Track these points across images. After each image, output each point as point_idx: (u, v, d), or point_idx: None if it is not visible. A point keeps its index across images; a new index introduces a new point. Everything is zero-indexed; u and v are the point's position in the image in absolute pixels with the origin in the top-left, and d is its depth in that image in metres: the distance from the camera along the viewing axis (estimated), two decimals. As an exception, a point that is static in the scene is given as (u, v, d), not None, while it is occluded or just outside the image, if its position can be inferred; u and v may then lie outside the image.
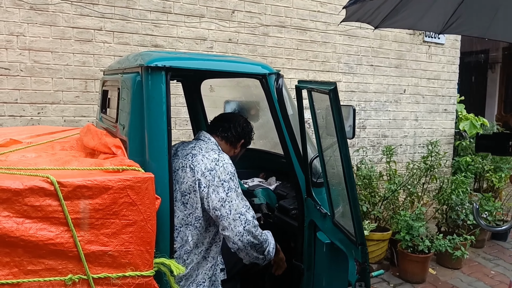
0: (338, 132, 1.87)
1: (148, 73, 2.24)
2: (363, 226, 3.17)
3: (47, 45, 4.17)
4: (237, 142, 2.78)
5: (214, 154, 2.48)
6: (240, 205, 2.37)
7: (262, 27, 5.28)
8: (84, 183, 1.80)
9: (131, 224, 1.89)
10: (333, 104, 1.85)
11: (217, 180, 2.37)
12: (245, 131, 2.82)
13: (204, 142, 2.62)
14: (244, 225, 2.35)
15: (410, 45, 6.53)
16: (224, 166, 2.41)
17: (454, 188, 5.24)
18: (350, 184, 1.89)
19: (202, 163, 2.43)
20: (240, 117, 2.90)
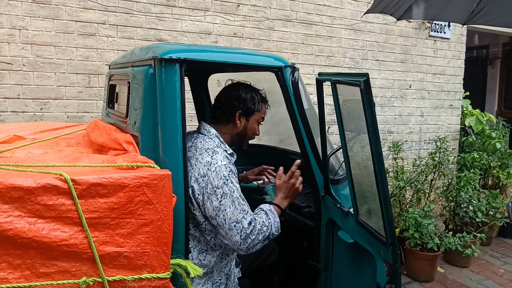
0: (370, 128, 1.77)
1: (162, 65, 2.14)
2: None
3: (50, 39, 4.06)
4: (232, 117, 2.49)
5: (207, 156, 2.29)
6: (235, 212, 2.21)
7: (267, 21, 5.18)
8: (100, 180, 1.70)
9: (148, 223, 1.80)
10: (365, 97, 1.75)
11: (210, 187, 2.22)
12: (235, 100, 2.48)
13: (202, 138, 2.44)
14: (241, 234, 2.21)
15: (415, 40, 6.44)
16: (217, 171, 2.23)
17: (463, 185, 5.16)
18: (382, 182, 1.79)
19: (195, 168, 2.29)
20: (229, 86, 2.59)
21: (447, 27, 6.67)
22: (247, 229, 2.22)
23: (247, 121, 2.53)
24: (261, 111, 2.58)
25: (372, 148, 1.79)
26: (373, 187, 1.89)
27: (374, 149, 1.79)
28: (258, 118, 2.57)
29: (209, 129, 2.49)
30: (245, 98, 2.49)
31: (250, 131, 2.58)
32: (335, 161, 2.83)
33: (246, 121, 2.53)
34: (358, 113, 1.89)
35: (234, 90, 2.52)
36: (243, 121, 2.51)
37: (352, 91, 1.90)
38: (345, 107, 2.16)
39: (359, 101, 1.87)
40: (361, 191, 2.19)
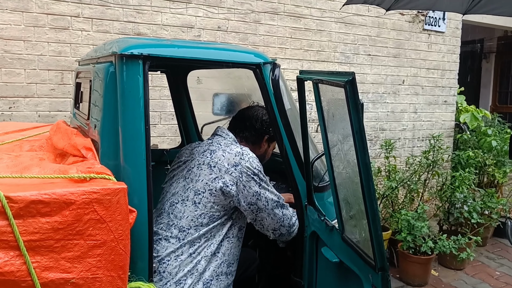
0: (356, 136, 1.52)
1: (123, 62, 1.91)
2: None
3: (19, 33, 3.80)
4: (259, 140, 2.55)
5: (236, 148, 2.28)
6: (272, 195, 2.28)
7: (254, 14, 4.94)
8: (40, 197, 1.46)
9: (99, 245, 1.56)
10: (350, 99, 1.51)
11: (246, 175, 2.19)
12: (267, 125, 2.52)
13: (222, 138, 2.42)
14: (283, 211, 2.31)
15: (409, 34, 6.22)
16: (250, 160, 2.22)
17: (458, 184, 4.96)
18: (369, 196, 1.55)
19: (224, 159, 2.22)
20: (258, 109, 2.60)
21: (441, 20, 6.46)
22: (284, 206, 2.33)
23: (268, 146, 2.62)
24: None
25: (359, 159, 1.55)
26: (360, 203, 1.65)
27: (361, 160, 1.55)
28: (274, 145, 2.65)
29: (228, 133, 2.48)
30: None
31: (267, 155, 2.67)
32: (321, 166, 2.61)
33: (268, 146, 2.61)
34: (343, 116, 1.66)
35: (264, 115, 2.53)
36: (266, 145, 2.58)
37: (336, 91, 1.67)
38: (328, 109, 1.92)
39: (341, 100, 1.65)
40: (347, 204, 1.96)
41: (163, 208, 2.30)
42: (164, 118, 4.49)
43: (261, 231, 2.38)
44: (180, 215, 2.20)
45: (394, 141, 5.58)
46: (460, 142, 6.76)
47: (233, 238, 2.31)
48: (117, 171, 1.90)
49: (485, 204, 5.15)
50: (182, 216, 2.20)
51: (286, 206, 2.34)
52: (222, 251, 2.25)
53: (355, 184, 1.70)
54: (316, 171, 2.47)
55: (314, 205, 2.28)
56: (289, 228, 2.35)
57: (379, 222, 1.57)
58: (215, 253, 2.23)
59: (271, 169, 3.37)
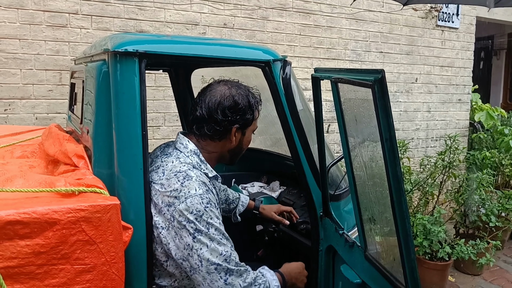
0: (386, 142, 1.29)
1: (117, 60, 1.71)
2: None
3: (14, 31, 3.61)
4: (226, 133, 1.92)
5: (175, 183, 1.74)
6: (214, 253, 1.68)
7: (261, 10, 4.73)
8: (18, 217, 1.27)
9: (89, 270, 1.37)
10: (379, 101, 1.29)
11: (177, 221, 1.69)
12: (232, 111, 1.89)
13: (175, 155, 1.89)
14: (225, 279, 1.69)
15: (422, 30, 6.00)
16: (187, 202, 1.68)
17: (476, 187, 4.75)
18: (401, 214, 1.32)
19: (159, 194, 1.76)
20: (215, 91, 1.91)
21: (455, 16, 6.24)
22: (233, 272, 1.71)
23: (243, 135, 1.99)
24: (257, 117, 2.03)
25: (389, 172, 1.32)
26: (389, 220, 1.44)
27: (392, 172, 1.31)
28: (254, 127, 2.05)
29: (187, 143, 1.91)
30: (243, 107, 1.91)
31: (245, 144, 2.05)
32: (336, 172, 2.40)
33: (242, 135, 1.99)
34: (368, 120, 1.44)
35: (227, 99, 1.88)
36: (238, 135, 1.96)
37: (358, 89, 1.45)
38: (349, 111, 1.71)
39: (366, 100, 1.44)
40: (371, 219, 1.74)
41: None
42: (168, 119, 4.30)
43: None
44: None
45: (407, 142, 5.37)
46: (474, 141, 6.55)
47: None
48: (111, 181, 1.71)
49: (503, 206, 4.95)
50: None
51: (236, 272, 1.72)
52: None
53: (382, 198, 1.49)
54: (332, 178, 2.26)
55: (331, 217, 2.07)
56: None
57: (413, 244, 1.35)
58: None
59: (282, 173, 3.20)
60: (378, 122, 1.31)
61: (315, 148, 2.14)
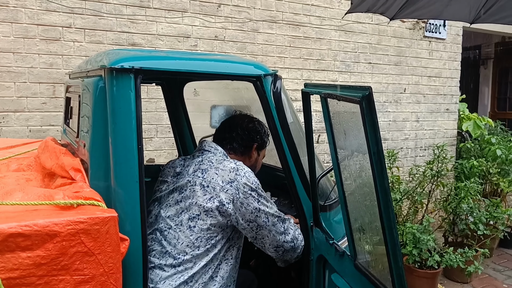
0: (374, 155, 1.36)
1: (113, 76, 1.76)
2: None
3: (8, 45, 3.66)
4: (248, 149, 2.38)
5: (229, 163, 2.11)
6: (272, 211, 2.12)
7: (251, 23, 4.81)
8: (19, 230, 1.32)
9: (88, 280, 1.42)
10: (367, 116, 1.35)
11: (243, 191, 2.03)
12: (253, 132, 2.38)
13: (212, 154, 2.23)
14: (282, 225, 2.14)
15: (410, 41, 6.11)
16: (247, 175, 2.06)
17: (464, 195, 4.82)
18: (389, 224, 1.38)
19: (217, 177, 2.06)
20: (242, 117, 2.45)
21: (442, 27, 6.35)
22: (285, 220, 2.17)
23: (258, 155, 2.46)
24: (267, 144, 2.50)
25: (377, 184, 1.39)
26: (377, 229, 1.50)
27: (380, 184, 1.38)
28: (264, 153, 2.52)
29: (217, 147, 2.30)
30: (261, 131, 2.41)
31: (258, 165, 2.51)
32: (326, 183, 2.46)
33: (258, 155, 2.45)
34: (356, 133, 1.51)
35: (249, 121, 2.40)
36: (255, 154, 2.42)
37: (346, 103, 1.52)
38: (338, 125, 1.77)
39: (354, 114, 1.50)
40: (360, 228, 1.80)
41: (155, 234, 2.12)
42: (160, 131, 4.35)
43: (263, 250, 2.22)
44: (175, 242, 2.03)
45: (396, 151, 5.44)
46: (462, 151, 6.64)
47: (232, 259, 2.16)
48: (107, 194, 1.76)
49: (491, 215, 5.01)
50: (176, 242, 2.03)
51: (288, 220, 2.19)
52: (221, 274, 2.10)
53: (371, 208, 1.55)
54: (321, 189, 2.32)
55: (321, 227, 2.13)
56: (293, 243, 2.18)
57: (400, 253, 1.41)
58: (213, 277, 2.07)
59: (273, 184, 3.24)
60: (366, 137, 1.38)
61: (306, 159, 2.20)
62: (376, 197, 1.41)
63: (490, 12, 2.31)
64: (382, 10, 2.45)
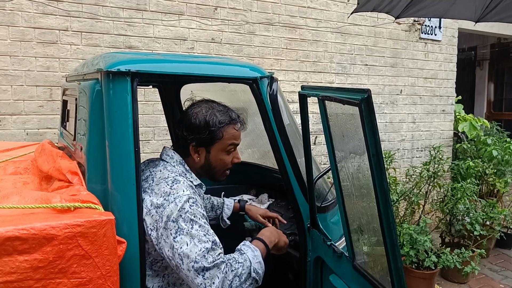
0: (373, 157, 1.37)
1: (109, 79, 1.77)
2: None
3: (5, 48, 3.66)
4: (187, 150, 2.04)
5: (165, 186, 1.86)
6: (194, 250, 1.73)
7: (248, 25, 4.82)
8: (17, 233, 1.32)
9: (85, 283, 1.42)
10: (366, 119, 1.36)
11: (165, 221, 1.77)
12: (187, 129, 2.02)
13: (163, 165, 2.00)
14: (203, 274, 1.73)
15: (406, 43, 6.13)
16: (176, 201, 1.79)
17: (460, 196, 4.84)
18: (388, 225, 1.39)
19: (148, 199, 1.84)
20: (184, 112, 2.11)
21: (437, 29, 6.38)
22: (209, 268, 1.74)
23: (208, 153, 2.05)
24: (225, 137, 2.05)
25: (376, 185, 1.40)
26: (375, 230, 1.51)
27: (379, 186, 1.39)
28: (223, 147, 2.06)
29: (173, 155, 2.05)
30: (198, 126, 2.00)
31: (216, 163, 2.08)
32: (323, 184, 2.47)
33: (207, 152, 2.05)
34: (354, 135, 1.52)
35: (187, 118, 2.03)
36: (202, 153, 2.05)
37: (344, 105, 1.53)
38: (336, 126, 1.78)
39: (352, 116, 1.51)
40: (359, 229, 1.81)
41: None
42: (157, 133, 4.35)
43: None
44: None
45: (393, 152, 5.46)
46: (459, 151, 6.66)
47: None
48: (104, 197, 1.76)
49: (487, 215, 5.03)
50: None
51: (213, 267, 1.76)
52: None
53: (369, 209, 1.56)
54: (318, 190, 2.33)
55: (319, 228, 2.13)
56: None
57: (400, 253, 1.42)
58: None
59: (270, 185, 3.25)
60: (365, 138, 1.39)
61: (302, 161, 2.21)
62: (375, 198, 1.42)
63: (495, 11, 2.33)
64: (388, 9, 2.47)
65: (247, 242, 2.00)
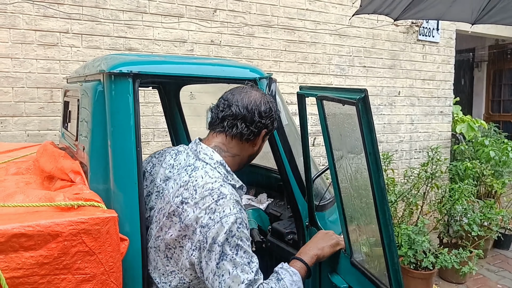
0: (370, 156, 1.41)
1: (111, 81, 1.80)
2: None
3: (6, 50, 3.69)
4: (255, 136, 1.89)
5: (210, 200, 1.68)
6: (236, 280, 1.61)
7: (247, 27, 4.86)
8: (23, 230, 1.35)
9: (89, 279, 1.45)
10: (363, 118, 1.40)
11: (210, 242, 1.62)
12: (267, 116, 1.88)
13: (202, 167, 1.80)
14: None
15: (403, 45, 6.17)
16: (222, 221, 1.63)
17: (458, 197, 4.88)
18: (385, 222, 1.43)
19: (193, 214, 1.68)
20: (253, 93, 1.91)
21: (435, 31, 6.42)
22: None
23: (263, 141, 1.97)
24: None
25: (373, 183, 1.44)
26: (372, 226, 1.54)
27: (376, 183, 1.43)
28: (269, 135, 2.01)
29: (212, 154, 1.84)
30: (274, 114, 1.92)
31: (260, 151, 2.01)
32: (321, 183, 2.50)
33: (262, 141, 1.97)
34: (351, 134, 1.55)
35: (264, 103, 1.88)
36: (260, 141, 1.94)
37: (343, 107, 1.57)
38: (334, 126, 1.82)
39: (349, 116, 1.55)
40: (356, 227, 1.85)
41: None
42: (157, 135, 4.38)
43: None
44: (154, 264, 1.83)
45: (391, 153, 5.49)
46: (457, 153, 6.70)
47: None
48: (107, 196, 1.79)
49: (485, 216, 5.07)
50: (156, 266, 1.83)
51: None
52: None
53: (366, 206, 1.59)
54: (316, 189, 2.36)
55: (317, 226, 2.17)
56: None
57: (396, 249, 1.46)
58: None
59: (269, 185, 3.28)
60: (362, 137, 1.42)
61: (301, 161, 2.25)
62: (372, 196, 1.46)
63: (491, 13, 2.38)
64: (388, 11, 2.52)
65: (285, 265, 1.86)
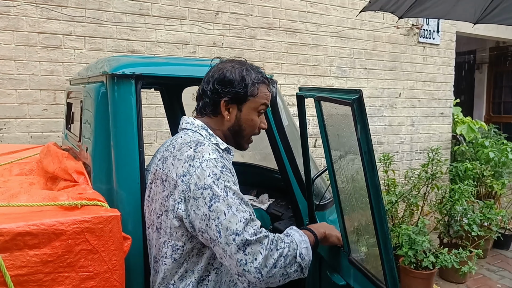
0: (365, 155, 1.44)
1: (114, 82, 1.84)
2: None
3: (9, 52, 3.73)
4: (215, 107, 1.78)
5: (188, 150, 1.65)
6: (233, 220, 1.50)
7: (249, 30, 4.89)
8: (27, 229, 1.38)
9: (92, 277, 1.48)
10: (358, 118, 1.43)
11: (194, 189, 1.55)
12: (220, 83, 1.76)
13: (183, 132, 1.79)
14: (244, 249, 1.50)
15: (404, 47, 6.20)
16: (203, 166, 1.57)
17: (458, 198, 4.90)
18: (380, 219, 1.46)
19: (173, 168, 1.64)
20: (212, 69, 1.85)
21: (436, 33, 6.45)
22: (251, 241, 1.51)
23: (239, 111, 1.80)
24: (259, 95, 1.82)
25: (368, 181, 1.47)
26: (368, 224, 1.58)
27: (371, 182, 1.46)
28: (255, 106, 1.82)
29: (193, 121, 1.81)
30: (232, 79, 1.76)
31: (246, 124, 1.83)
32: (321, 183, 2.53)
33: (238, 111, 1.80)
34: (348, 134, 1.59)
35: (217, 72, 1.79)
36: (233, 111, 1.79)
37: (339, 106, 1.60)
38: (331, 126, 1.85)
39: (346, 116, 1.58)
40: (353, 224, 1.88)
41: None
42: (160, 136, 4.42)
43: None
44: (151, 243, 1.77)
45: (392, 155, 5.52)
46: (457, 154, 6.72)
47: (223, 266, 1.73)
48: (110, 195, 1.83)
49: (485, 216, 5.09)
50: (152, 243, 1.77)
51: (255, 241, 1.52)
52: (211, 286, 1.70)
53: (363, 205, 1.63)
54: (317, 189, 2.39)
55: (317, 225, 2.20)
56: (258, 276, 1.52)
57: (391, 246, 1.49)
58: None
59: (270, 186, 3.31)
60: (357, 137, 1.45)
61: (301, 161, 2.28)
62: (367, 193, 1.49)
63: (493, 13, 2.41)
64: (393, 9, 2.56)
65: (294, 227, 1.79)
